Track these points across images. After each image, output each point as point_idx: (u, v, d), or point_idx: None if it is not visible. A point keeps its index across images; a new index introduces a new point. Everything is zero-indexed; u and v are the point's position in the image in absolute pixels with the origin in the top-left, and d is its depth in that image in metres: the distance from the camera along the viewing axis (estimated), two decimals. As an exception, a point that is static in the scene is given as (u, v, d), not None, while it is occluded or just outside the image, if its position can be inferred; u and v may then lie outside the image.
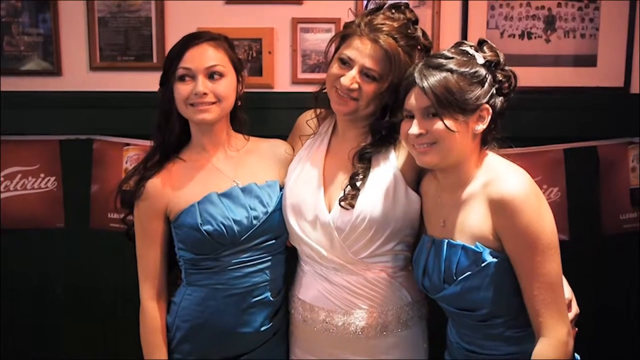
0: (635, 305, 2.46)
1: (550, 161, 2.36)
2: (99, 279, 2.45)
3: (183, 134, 1.85)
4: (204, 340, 1.82)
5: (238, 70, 1.82)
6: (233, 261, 1.78)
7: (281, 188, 1.85)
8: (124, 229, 1.90)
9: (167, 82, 1.80)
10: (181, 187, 1.80)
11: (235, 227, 1.75)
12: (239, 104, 1.85)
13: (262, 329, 1.81)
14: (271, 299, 1.82)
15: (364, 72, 1.69)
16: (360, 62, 1.68)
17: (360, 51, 1.68)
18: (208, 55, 1.76)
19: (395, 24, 1.70)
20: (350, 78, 1.69)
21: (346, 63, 1.71)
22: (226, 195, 1.79)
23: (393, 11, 1.74)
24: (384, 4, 1.76)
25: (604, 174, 2.38)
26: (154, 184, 1.79)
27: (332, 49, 1.79)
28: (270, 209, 1.79)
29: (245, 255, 1.78)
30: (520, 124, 2.15)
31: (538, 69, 2.33)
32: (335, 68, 1.73)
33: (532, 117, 2.27)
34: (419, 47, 1.73)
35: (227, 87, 1.77)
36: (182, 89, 1.76)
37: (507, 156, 1.66)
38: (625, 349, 2.47)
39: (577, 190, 2.37)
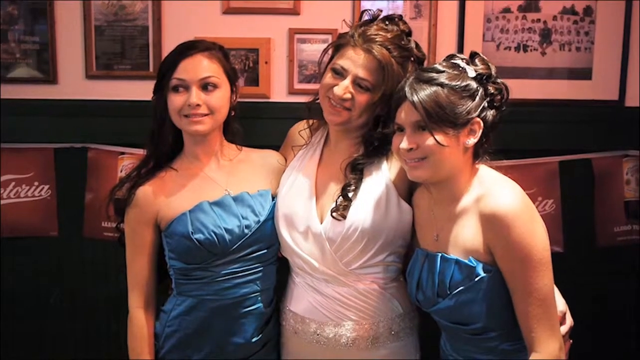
0: (630, 317, 2.46)
1: (545, 173, 2.36)
2: (93, 287, 2.44)
3: (176, 142, 1.85)
4: (193, 351, 1.81)
5: (232, 80, 1.83)
6: (223, 272, 1.77)
7: (273, 198, 1.84)
8: (117, 237, 1.89)
9: (160, 92, 1.80)
10: (172, 196, 1.80)
11: (227, 236, 1.75)
12: (233, 114, 1.85)
13: (253, 340, 1.81)
14: (263, 309, 1.81)
15: (357, 82, 1.69)
16: (354, 72, 1.69)
17: (354, 61, 1.69)
18: (202, 67, 1.76)
19: (389, 35, 1.70)
20: (343, 88, 1.69)
21: (339, 73, 1.71)
22: (218, 204, 1.79)
23: (387, 22, 1.74)
24: (378, 15, 1.77)
25: (599, 186, 2.39)
26: (145, 191, 1.79)
27: (326, 59, 1.79)
28: (262, 218, 1.79)
29: (235, 266, 1.78)
30: (516, 136, 2.16)
31: (534, 81, 2.34)
32: (328, 78, 1.73)
33: (527, 130, 2.28)
34: (412, 58, 1.74)
35: (220, 98, 1.77)
36: (175, 100, 1.76)
37: (501, 168, 1.65)
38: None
39: (571, 202, 2.38)
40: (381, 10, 1.79)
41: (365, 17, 1.79)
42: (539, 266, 1.50)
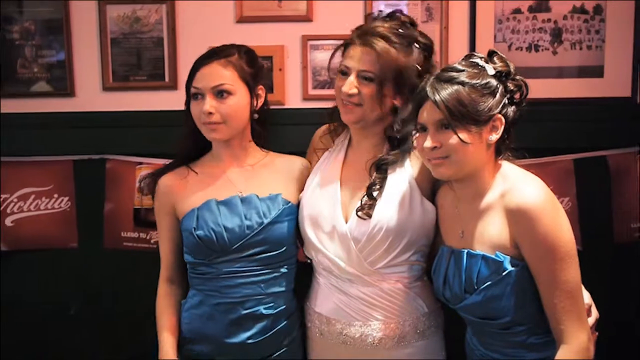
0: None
1: (560, 171, 2.37)
2: (114, 298, 2.45)
3: (206, 143, 1.92)
4: (199, 344, 1.85)
5: (250, 85, 1.86)
6: (225, 269, 1.81)
7: (287, 202, 1.86)
8: (139, 248, 1.97)
9: (188, 99, 1.87)
10: (190, 192, 1.87)
11: (226, 235, 1.79)
12: (256, 117, 1.89)
13: (249, 341, 1.81)
14: (263, 312, 1.82)
15: (361, 76, 1.73)
16: (356, 68, 1.73)
17: (355, 58, 1.74)
18: (216, 74, 1.81)
19: (386, 24, 1.75)
20: (348, 84, 1.73)
21: (345, 73, 1.76)
22: (224, 203, 1.83)
23: (387, 19, 1.79)
24: (379, 14, 1.82)
25: (614, 183, 2.39)
26: (164, 182, 1.90)
27: (336, 66, 1.82)
28: (266, 221, 1.81)
29: (237, 265, 1.81)
30: (530, 135, 2.13)
31: (546, 80, 2.35)
32: (338, 80, 1.78)
33: (541, 129, 2.28)
34: (416, 45, 1.76)
35: (234, 105, 1.82)
36: (194, 107, 1.84)
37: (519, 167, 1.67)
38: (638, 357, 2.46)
39: (588, 199, 2.38)
40: (381, 11, 1.85)
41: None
42: (566, 258, 1.51)
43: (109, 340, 2.47)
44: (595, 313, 1.66)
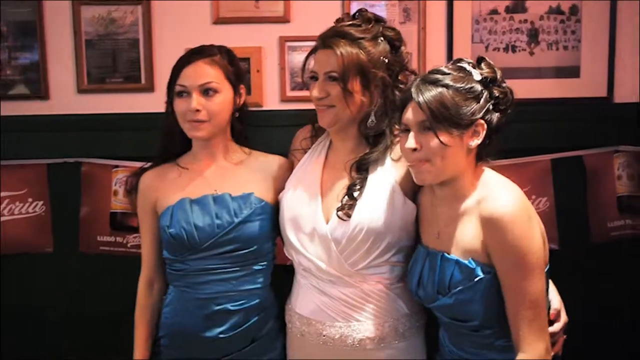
0: (625, 312, 2.47)
1: (537, 172, 2.38)
2: (90, 303, 2.42)
3: (186, 142, 1.93)
4: (176, 340, 1.89)
5: (234, 84, 1.88)
6: (196, 267, 1.84)
7: (260, 201, 1.86)
8: (116, 252, 2.00)
9: (170, 97, 1.88)
10: (169, 190, 1.89)
11: (196, 233, 1.81)
12: (237, 115, 1.92)
13: (221, 336, 1.84)
14: (230, 308, 1.84)
15: (327, 78, 1.74)
16: (322, 71, 1.75)
17: (320, 61, 1.76)
18: (202, 73, 1.83)
19: (348, 23, 1.76)
20: (316, 88, 1.75)
21: (315, 78, 1.77)
22: (197, 202, 1.86)
23: (354, 16, 1.80)
24: (346, 15, 1.83)
25: (591, 182, 2.41)
26: (145, 180, 1.93)
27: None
28: (237, 220, 1.82)
29: (209, 263, 1.83)
30: (507, 136, 2.16)
31: (523, 81, 2.36)
32: (311, 87, 1.79)
33: (518, 129, 2.26)
34: (381, 38, 1.76)
35: (220, 103, 1.84)
36: (179, 105, 1.84)
37: (496, 168, 1.68)
38: (616, 356, 2.48)
39: (565, 199, 2.39)
40: (347, 13, 1.86)
41: None
42: (534, 270, 1.53)
43: (86, 345, 2.44)
44: (564, 317, 1.69)
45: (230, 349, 1.86)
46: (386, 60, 1.75)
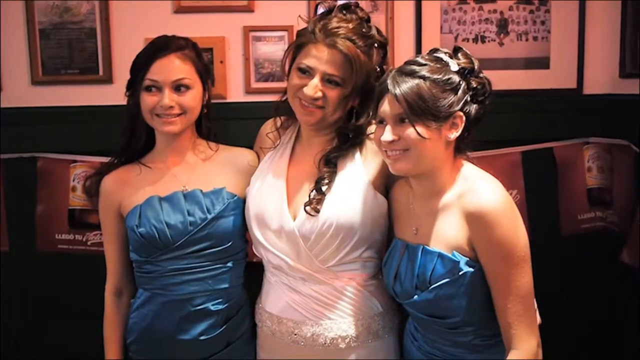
0: (596, 304, 2.47)
1: (508, 164, 2.37)
2: (50, 304, 2.34)
3: (148, 139, 1.88)
4: (149, 344, 1.84)
5: (204, 79, 1.84)
6: (170, 267, 1.78)
7: (233, 196, 1.82)
8: (75, 251, 1.94)
9: (133, 90, 1.80)
10: (134, 190, 1.83)
11: (168, 231, 1.76)
12: (205, 111, 1.87)
13: (202, 338, 1.79)
14: (211, 308, 1.79)
15: (326, 79, 1.67)
16: (321, 70, 1.66)
17: (319, 58, 1.66)
18: (175, 68, 1.78)
19: (350, 25, 1.68)
20: (313, 87, 1.67)
21: (306, 72, 1.68)
22: (167, 199, 1.81)
23: (344, 12, 1.72)
24: (334, 6, 1.74)
25: (561, 175, 2.41)
26: (108, 182, 1.86)
27: (289, 59, 1.75)
28: (210, 216, 1.78)
29: (183, 262, 1.78)
30: (477, 127, 2.14)
31: (493, 72, 2.28)
32: (295, 78, 1.70)
33: (488, 121, 2.25)
34: (375, 44, 1.72)
35: (192, 99, 1.80)
36: (148, 100, 1.78)
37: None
38: (588, 349, 2.48)
39: (535, 192, 2.39)
40: (336, 1, 1.77)
41: (321, 10, 1.76)
42: (521, 264, 1.51)
43: (44, 346, 2.38)
44: (537, 319, 1.65)
45: (207, 351, 1.82)
46: (378, 69, 1.72)
